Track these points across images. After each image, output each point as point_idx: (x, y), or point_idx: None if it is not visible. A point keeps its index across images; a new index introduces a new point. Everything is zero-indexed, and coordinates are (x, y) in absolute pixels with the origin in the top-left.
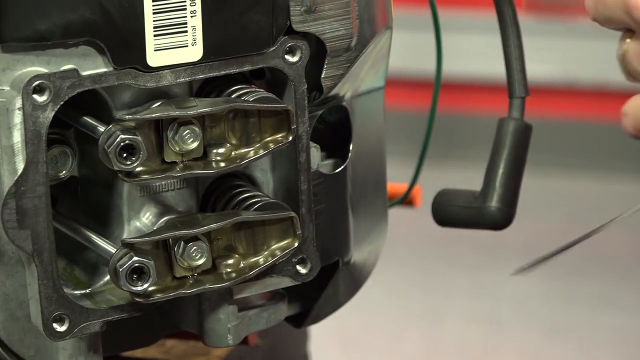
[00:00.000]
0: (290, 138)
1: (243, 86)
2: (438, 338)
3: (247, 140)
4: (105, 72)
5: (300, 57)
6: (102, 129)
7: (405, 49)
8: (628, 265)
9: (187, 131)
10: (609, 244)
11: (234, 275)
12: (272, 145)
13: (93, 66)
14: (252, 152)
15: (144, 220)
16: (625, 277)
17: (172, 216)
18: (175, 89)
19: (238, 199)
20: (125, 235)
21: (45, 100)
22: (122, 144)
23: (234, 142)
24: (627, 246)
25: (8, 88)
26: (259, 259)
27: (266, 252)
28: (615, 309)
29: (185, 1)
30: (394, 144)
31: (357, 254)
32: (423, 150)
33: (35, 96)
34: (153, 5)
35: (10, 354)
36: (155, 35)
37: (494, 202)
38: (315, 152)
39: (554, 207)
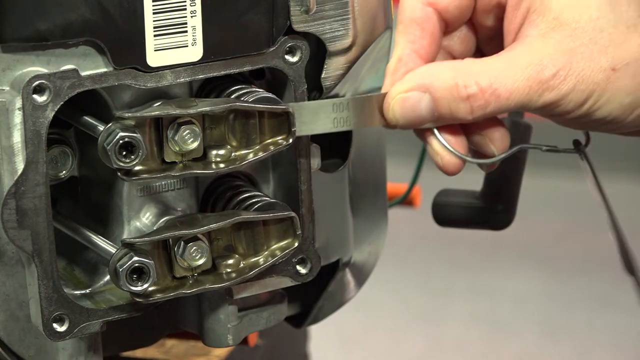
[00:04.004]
0: (291, 140)
1: (243, 86)
2: (438, 338)
3: (247, 142)
4: (105, 72)
5: (300, 57)
6: (102, 128)
7: None
8: None
9: (187, 131)
10: (608, 244)
11: (234, 275)
12: (272, 148)
13: (93, 66)
14: (251, 154)
15: (144, 220)
16: (624, 277)
17: (172, 216)
18: (175, 89)
19: (238, 199)
20: (125, 235)
21: (45, 101)
22: (121, 141)
23: (234, 143)
24: None
25: (8, 88)
26: (259, 259)
27: (266, 252)
28: (614, 310)
29: (185, 1)
30: (394, 144)
31: (357, 254)
32: (423, 151)
33: (35, 96)
34: (153, 5)
35: (10, 354)
36: (155, 35)
37: (494, 202)
38: (315, 152)
39: (554, 207)
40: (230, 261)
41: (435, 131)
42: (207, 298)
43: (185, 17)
